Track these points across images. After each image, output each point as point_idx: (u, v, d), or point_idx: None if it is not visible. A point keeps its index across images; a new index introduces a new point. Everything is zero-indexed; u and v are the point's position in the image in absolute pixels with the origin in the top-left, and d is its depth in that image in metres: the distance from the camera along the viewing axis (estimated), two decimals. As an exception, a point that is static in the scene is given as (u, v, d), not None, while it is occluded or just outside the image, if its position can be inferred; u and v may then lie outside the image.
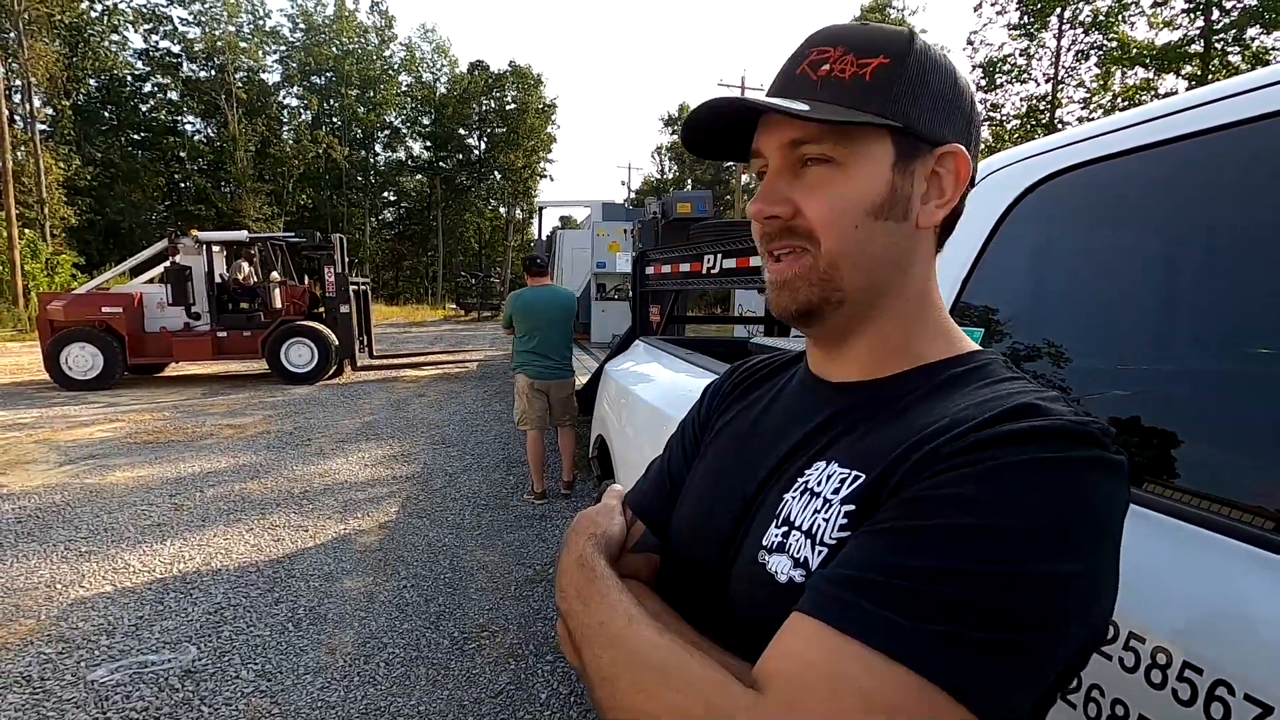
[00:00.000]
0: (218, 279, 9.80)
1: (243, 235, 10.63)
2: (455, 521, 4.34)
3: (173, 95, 34.23)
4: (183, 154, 34.10)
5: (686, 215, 7.96)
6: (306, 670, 2.65)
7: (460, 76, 42.22)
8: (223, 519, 4.27)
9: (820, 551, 0.51)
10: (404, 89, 41.51)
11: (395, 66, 41.23)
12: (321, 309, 10.22)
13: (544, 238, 15.14)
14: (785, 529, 0.55)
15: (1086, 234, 1.13)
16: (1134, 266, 1.07)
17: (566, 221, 23.20)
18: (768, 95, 0.58)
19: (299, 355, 9.66)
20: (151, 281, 10.00)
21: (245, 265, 10.46)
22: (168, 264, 9.52)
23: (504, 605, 3.24)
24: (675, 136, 47.45)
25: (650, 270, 4.26)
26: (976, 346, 0.60)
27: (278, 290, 9.92)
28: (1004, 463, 0.45)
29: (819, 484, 0.54)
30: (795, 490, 0.56)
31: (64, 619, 3.01)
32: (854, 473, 0.52)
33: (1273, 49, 17.90)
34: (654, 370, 2.71)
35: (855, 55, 0.55)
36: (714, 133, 0.61)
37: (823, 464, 0.56)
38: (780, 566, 0.53)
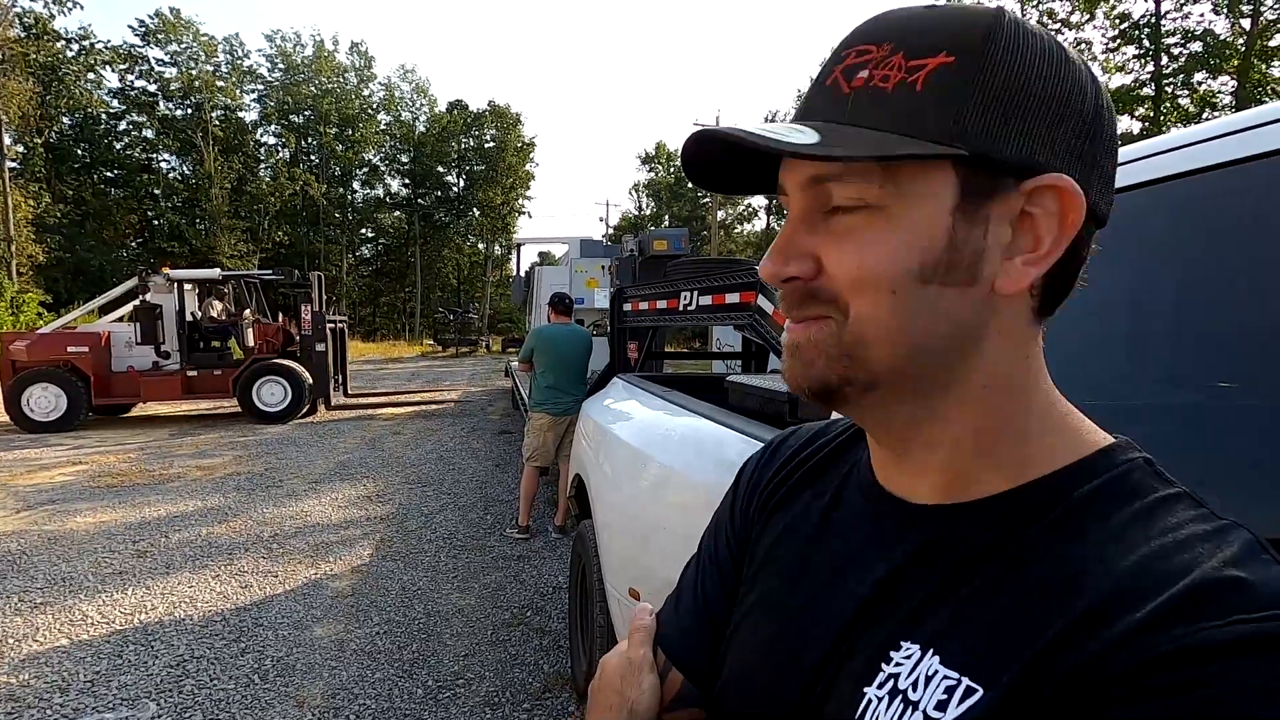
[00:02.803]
0: (189, 317, 9.66)
1: (215, 273, 10.53)
2: (430, 564, 4.24)
3: (148, 133, 34.09)
4: (157, 191, 33.83)
5: (663, 252, 8.06)
6: (273, 725, 2.54)
7: (439, 115, 42.68)
8: (188, 565, 4.13)
9: None
10: (383, 127, 41.83)
11: (374, 105, 41.60)
12: (295, 347, 10.10)
13: (522, 274, 15.18)
14: None
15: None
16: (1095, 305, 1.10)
17: (545, 258, 23.32)
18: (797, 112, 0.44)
19: (271, 394, 9.50)
20: (120, 320, 9.83)
21: (217, 303, 10.33)
22: (137, 302, 9.38)
23: (480, 651, 3.15)
24: (653, 174, 48.29)
25: (628, 307, 4.29)
26: (1102, 440, 0.42)
27: (251, 328, 9.79)
28: (1231, 689, 0.30)
29: (915, 688, 0.39)
30: (879, 687, 0.41)
31: (15, 675, 2.87)
32: (964, 680, 0.37)
33: (1219, 93, 18.84)
34: (632, 408, 2.71)
35: (905, 55, 0.39)
36: (721, 164, 0.46)
37: (915, 651, 0.40)
38: None
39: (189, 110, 34.12)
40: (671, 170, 47.45)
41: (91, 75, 32.02)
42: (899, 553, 0.44)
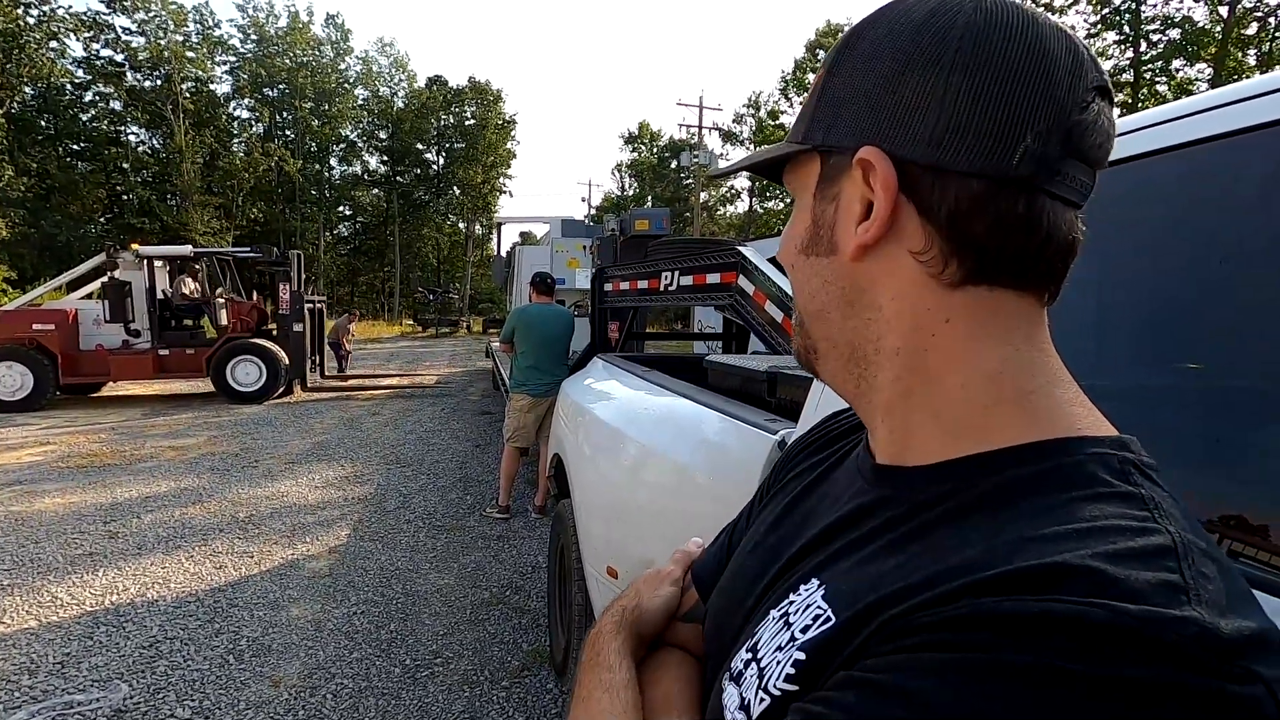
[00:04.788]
0: (160, 295, 9.44)
1: (187, 250, 10.28)
2: (409, 544, 4.22)
3: (115, 105, 32.99)
4: (125, 165, 32.81)
5: (645, 232, 8.00)
6: (248, 705, 2.53)
7: (419, 91, 41.85)
8: (161, 546, 4.07)
9: (762, 700, 0.41)
10: (360, 103, 40.92)
11: (351, 80, 40.65)
12: (271, 326, 9.91)
13: (503, 254, 15.04)
14: (749, 656, 0.45)
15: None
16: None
17: (526, 238, 23.10)
18: None
19: (246, 374, 9.34)
20: (90, 297, 9.59)
21: (190, 281, 10.11)
22: (106, 279, 9.14)
23: (459, 630, 3.15)
24: (635, 154, 47.89)
25: (609, 287, 4.26)
26: (1084, 430, 0.41)
27: (225, 307, 9.60)
28: (977, 661, 0.31)
29: (796, 613, 0.43)
30: (779, 610, 0.45)
31: (-19, 658, 2.81)
32: (828, 610, 0.41)
33: (1195, 79, 19.05)
34: (612, 388, 2.69)
35: (819, 69, 0.48)
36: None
37: (814, 585, 0.44)
38: (730, 703, 0.45)
39: (158, 82, 33.01)
40: (655, 150, 47.10)
41: (54, 43, 30.86)
42: (854, 503, 0.47)
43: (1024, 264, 0.42)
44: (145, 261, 9.27)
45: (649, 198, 44.51)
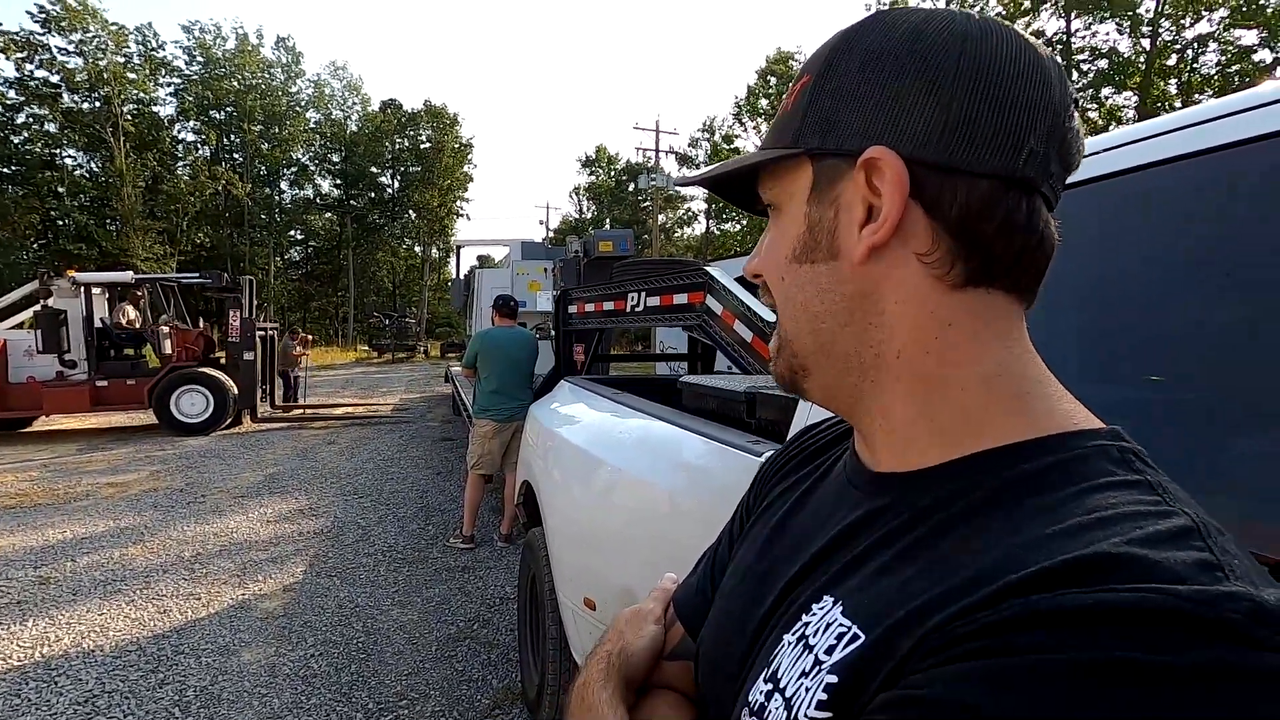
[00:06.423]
0: (98, 323, 9.00)
1: (128, 276, 9.85)
2: (369, 579, 4.04)
3: (50, 127, 31.69)
4: (61, 189, 31.46)
5: (609, 254, 8.00)
6: (196, 762, 2.35)
7: (372, 115, 41.37)
8: (98, 591, 3.81)
9: None
10: (312, 126, 40.21)
11: (303, 103, 39.95)
12: (219, 354, 9.53)
13: (462, 277, 14.86)
14: (770, 687, 0.42)
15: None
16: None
17: (485, 260, 22.89)
18: None
19: (192, 404, 8.94)
20: (22, 326, 9.09)
21: (131, 308, 9.68)
22: (38, 307, 8.68)
23: (425, 669, 3.01)
24: (593, 177, 48.15)
25: (573, 309, 4.21)
26: (1079, 425, 0.41)
27: (169, 335, 9.19)
28: (1044, 662, 0.30)
29: (815, 634, 0.41)
30: (794, 633, 0.43)
31: (-109, 724, 2.56)
32: (854, 628, 0.39)
33: (1123, 106, 20.18)
34: (582, 411, 2.64)
35: (796, 81, 0.47)
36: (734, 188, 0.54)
37: (829, 603, 0.42)
38: None
39: (97, 104, 31.91)
40: (612, 174, 47.46)
41: (-16, 63, 29.61)
42: (852, 516, 0.46)
43: (1021, 265, 0.42)
44: (83, 289, 8.85)
45: (607, 220, 44.74)
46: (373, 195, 41.33)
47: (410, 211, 41.49)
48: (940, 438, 0.43)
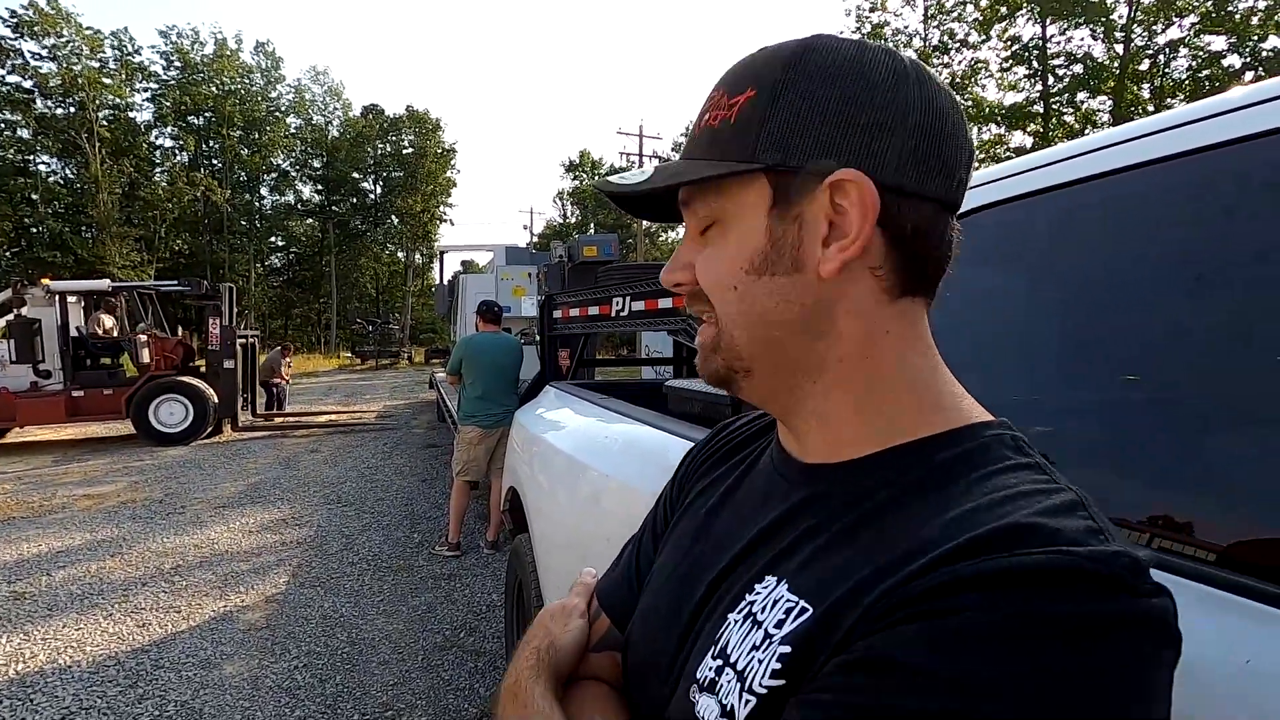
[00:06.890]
0: (74, 332, 8.84)
1: (104, 284, 9.70)
2: (353, 588, 4.00)
3: (23, 133, 31.12)
4: (35, 196, 30.89)
5: (593, 258, 8.00)
6: (177, 779, 2.30)
7: (354, 120, 41.06)
8: (75, 605, 3.74)
9: (748, 701, 0.42)
10: (293, 131, 39.82)
11: (283, 108, 39.57)
12: (199, 363, 9.39)
13: (446, 283, 14.78)
14: (720, 663, 0.45)
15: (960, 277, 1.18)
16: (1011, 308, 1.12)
17: (469, 266, 22.80)
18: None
19: (171, 414, 8.79)
20: (-9, 336, 8.90)
21: (107, 317, 9.52)
22: (11, 316, 8.51)
23: (411, 679, 2.98)
24: (577, 182, 48.14)
25: (558, 314, 4.20)
26: (978, 417, 0.48)
27: (147, 344, 9.05)
28: (974, 621, 0.34)
29: (763, 610, 0.45)
30: (739, 611, 0.46)
31: None
32: (801, 603, 0.43)
33: (1098, 110, 20.52)
34: (569, 417, 2.63)
35: (728, 95, 0.48)
36: (644, 200, 0.55)
37: (772, 582, 0.46)
38: (708, 713, 0.44)
39: (71, 109, 31.38)
40: (596, 178, 47.48)
41: (-45, 69, 29.06)
42: (785, 504, 0.50)
43: (938, 277, 0.49)
44: (57, 297, 8.69)
45: (591, 224, 44.73)
46: (355, 201, 41.00)
47: (393, 217, 41.21)
48: (871, 432, 0.48)
